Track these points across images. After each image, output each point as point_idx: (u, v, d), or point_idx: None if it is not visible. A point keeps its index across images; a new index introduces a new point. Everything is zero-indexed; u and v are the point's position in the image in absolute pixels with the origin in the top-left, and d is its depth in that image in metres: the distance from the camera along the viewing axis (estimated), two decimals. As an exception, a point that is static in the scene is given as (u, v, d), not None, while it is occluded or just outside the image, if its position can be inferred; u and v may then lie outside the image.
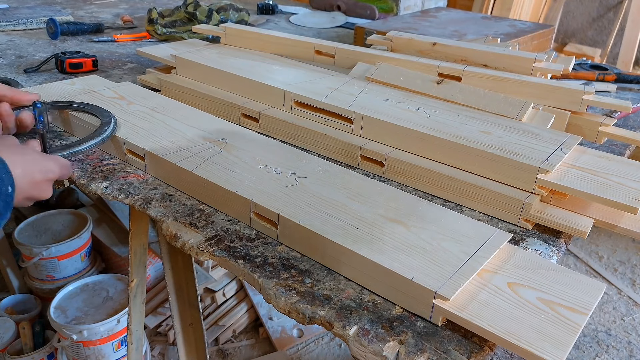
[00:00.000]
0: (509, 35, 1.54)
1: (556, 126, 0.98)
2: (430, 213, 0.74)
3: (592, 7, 3.67)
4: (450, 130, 0.88)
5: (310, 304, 0.63)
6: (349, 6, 2.08)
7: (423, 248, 0.66)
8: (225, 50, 1.25)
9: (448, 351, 0.57)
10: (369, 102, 0.97)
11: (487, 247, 0.67)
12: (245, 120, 1.05)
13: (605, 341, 1.95)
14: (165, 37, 1.62)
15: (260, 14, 2.07)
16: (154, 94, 1.09)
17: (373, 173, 0.91)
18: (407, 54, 1.17)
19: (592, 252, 2.41)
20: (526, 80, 1.01)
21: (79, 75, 1.28)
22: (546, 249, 0.75)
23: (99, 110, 0.95)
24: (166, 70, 1.24)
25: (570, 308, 0.60)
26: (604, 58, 3.54)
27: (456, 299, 0.59)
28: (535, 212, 0.78)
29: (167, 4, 2.18)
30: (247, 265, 0.69)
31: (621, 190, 0.76)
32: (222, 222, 0.78)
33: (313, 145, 0.97)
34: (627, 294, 2.17)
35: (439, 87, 1.02)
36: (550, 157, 0.80)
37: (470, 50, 1.11)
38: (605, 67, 1.42)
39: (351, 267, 0.66)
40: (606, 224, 0.79)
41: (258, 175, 0.81)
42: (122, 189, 0.84)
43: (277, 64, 1.16)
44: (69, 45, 1.57)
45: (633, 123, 1.17)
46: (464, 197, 0.83)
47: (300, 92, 1.00)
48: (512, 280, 0.63)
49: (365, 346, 0.58)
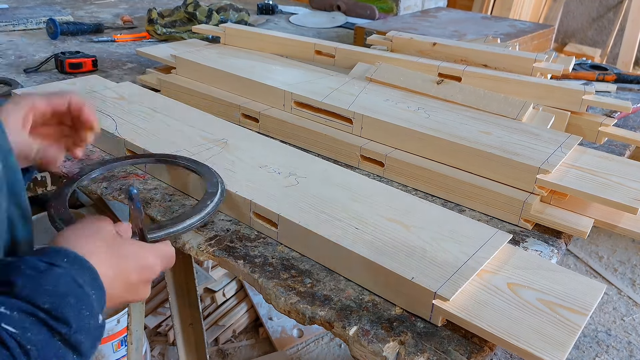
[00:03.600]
0: (509, 35, 1.54)
1: (556, 126, 0.97)
2: (430, 213, 0.73)
3: (592, 7, 3.67)
4: (450, 130, 0.88)
5: (310, 304, 0.63)
6: (349, 6, 2.08)
7: (423, 248, 0.66)
8: (225, 50, 1.25)
9: (448, 351, 0.57)
10: (369, 102, 0.97)
11: (487, 248, 0.67)
12: (245, 120, 1.05)
13: (605, 341, 1.95)
14: (165, 37, 1.62)
15: (260, 14, 2.07)
16: (154, 94, 1.09)
17: (373, 173, 0.91)
18: (407, 54, 1.17)
19: (592, 252, 2.41)
20: (526, 80, 1.01)
21: (79, 75, 1.28)
22: (546, 249, 0.75)
23: (207, 173, 0.78)
24: (166, 70, 1.24)
25: (570, 309, 0.60)
26: (604, 58, 3.53)
27: (456, 300, 0.59)
28: (535, 212, 0.78)
29: (167, 4, 2.18)
30: (247, 265, 0.69)
31: (621, 190, 0.76)
32: (222, 223, 0.77)
33: (313, 145, 0.97)
34: (627, 294, 2.17)
35: (439, 87, 1.02)
36: (550, 157, 0.80)
37: (470, 50, 1.10)
38: (605, 67, 1.42)
39: (351, 267, 0.66)
40: (606, 224, 0.79)
41: (258, 175, 0.81)
42: (122, 189, 0.84)
43: (277, 64, 1.16)
44: (68, 46, 1.57)
45: (633, 123, 1.17)
46: (464, 197, 0.83)
47: (300, 92, 1.00)
48: (512, 281, 0.63)
49: (365, 346, 0.58)
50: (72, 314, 0.47)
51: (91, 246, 0.54)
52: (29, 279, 0.47)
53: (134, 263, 0.58)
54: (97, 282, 0.51)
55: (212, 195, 0.74)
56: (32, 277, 0.47)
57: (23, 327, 0.44)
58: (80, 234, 0.56)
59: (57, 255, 0.50)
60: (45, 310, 0.46)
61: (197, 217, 0.70)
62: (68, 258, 0.50)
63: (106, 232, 0.57)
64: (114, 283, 0.55)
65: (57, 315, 0.46)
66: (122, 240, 0.59)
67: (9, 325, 0.43)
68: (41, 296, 0.46)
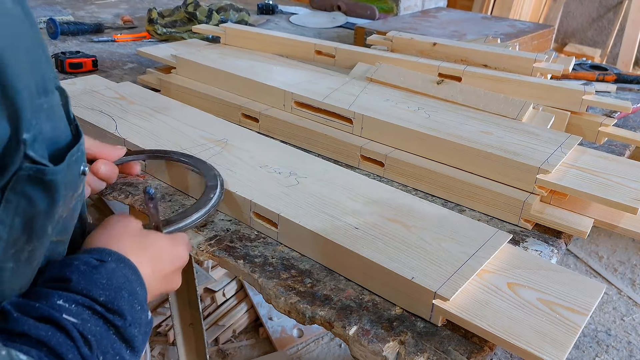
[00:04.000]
0: (509, 36, 1.54)
1: (556, 126, 0.97)
2: (430, 213, 0.74)
3: (592, 7, 3.67)
4: (450, 130, 0.88)
5: (310, 304, 0.63)
6: (349, 6, 2.08)
7: (423, 248, 0.66)
8: (225, 50, 1.25)
9: (448, 351, 0.57)
10: (369, 102, 0.97)
11: (487, 248, 0.67)
12: (245, 120, 1.05)
13: (605, 341, 1.95)
14: (166, 37, 1.62)
15: (260, 14, 2.07)
16: (154, 94, 1.09)
17: (373, 173, 0.91)
18: (407, 54, 1.17)
19: (592, 252, 2.41)
20: (526, 81, 1.01)
21: (79, 75, 1.28)
22: (546, 249, 0.75)
23: (204, 167, 0.80)
24: (166, 70, 1.24)
25: (570, 308, 0.60)
26: (604, 58, 3.53)
27: (456, 299, 0.59)
28: (535, 212, 0.78)
29: (167, 4, 2.18)
30: (247, 265, 0.69)
31: (621, 190, 0.76)
32: (222, 222, 0.78)
33: (313, 145, 0.97)
34: (627, 294, 2.17)
35: (439, 87, 1.02)
36: (550, 157, 0.80)
37: (470, 51, 1.10)
38: (605, 67, 1.42)
39: (351, 267, 0.66)
40: (606, 224, 0.79)
41: (258, 175, 0.81)
42: (122, 189, 0.84)
43: (277, 64, 1.16)
44: (69, 45, 1.57)
45: (633, 123, 1.17)
46: (464, 197, 0.83)
47: (301, 92, 1.00)
48: (511, 281, 0.63)
49: (365, 346, 0.58)
50: (126, 307, 0.48)
51: (125, 244, 0.55)
52: (84, 274, 0.48)
53: (166, 255, 0.59)
54: (140, 279, 0.52)
55: (214, 188, 0.75)
56: (86, 272, 0.48)
57: (83, 319, 0.45)
58: (110, 234, 0.56)
59: (103, 253, 0.52)
60: (101, 303, 0.47)
61: (204, 210, 0.72)
62: (112, 256, 0.52)
63: (133, 229, 0.58)
64: (152, 277, 0.56)
65: (112, 308, 0.47)
66: (150, 234, 0.60)
67: (69, 316, 0.44)
68: (97, 289, 0.47)
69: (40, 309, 0.44)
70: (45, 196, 0.43)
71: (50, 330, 0.42)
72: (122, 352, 0.47)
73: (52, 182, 0.43)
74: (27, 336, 0.41)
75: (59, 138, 0.46)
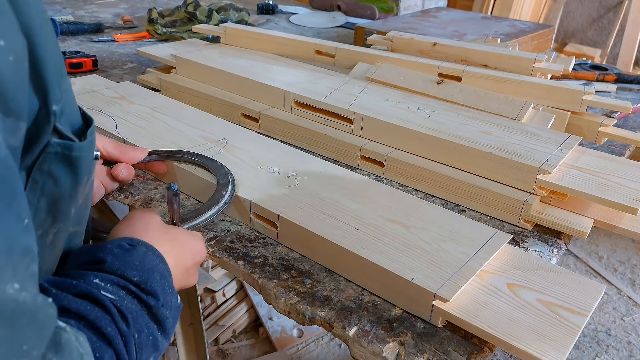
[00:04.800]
0: (509, 35, 1.54)
1: (556, 126, 0.97)
2: (430, 214, 0.73)
3: (592, 7, 3.66)
4: (450, 130, 0.88)
5: (310, 304, 0.63)
6: (349, 6, 2.07)
7: (423, 249, 0.66)
8: (225, 50, 1.25)
9: (448, 352, 0.57)
10: (369, 102, 0.97)
11: (486, 248, 0.67)
12: (245, 120, 1.05)
13: (605, 341, 1.95)
14: (166, 37, 1.61)
15: (260, 13, 2.07)
16: (154, 94, 1.09)
17: (373, 173, 0.91)
18: (407, 54, 1.17)
19: (592, 252, 2.41)
20: (526, 81, 1.01)
21: (79, 75, 1.28)
22: (546, 250, 0.75)
23: (214, 166, 0.80)
24: (166, 70, 1.24)
25: (570, 309, 0.60)
26: (604, 58, 3.53)
27: (456, 300, 0.59)
28: (535, 213, 0.78)
29: (167, 3, 2.18)
30: (247, 265, 0.69)
31: (621, 190, 0.76)
32: (222, 223, 0.78)
33: (313, 145, 0.97)
34: (627, 294, 2.17)
35: (439, 87, 1.02)
36: (550, 157, 0.80)
37: (470, 51, 1.10)
38: (605, 67, 1.42)
39: (351, 268, 0.66)
40: (606, 224, 0.79)
41: (258, 175, 0.81)
42: (122, 189, 0.84)
43: (277, 64, 1.16)
44: (68, 45, 1.57)
45: (633, 123, 1.17)
46: (464, 197, 0.83)
47: (301, 92, 1.00)
48: (511, 282, 0.63)
49: (365, 347, 0.58)
50: (159, 288, 0.49)
51: (151, 235, 0.56)
52: (117, 257, 0.49)
53: (188, 249, 0.60)
54: (167, 266, 0.53)
55: (225, 186, 0.76)
56: (119, 254, 0.49)
57: (120, 296, 0.46)
58: (136, 225, 0.57)
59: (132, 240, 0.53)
60: (135, 283, 0.48)
61: (217, 208, 0.73)
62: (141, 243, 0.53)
63: (155, 223, 0.59)
64: (176, 267, 0.56)
65: (146, 288, 0.48)
66: (172, 228, 0.62)
67: (107, 293, 0.45)
68: (130, 270, 0.48)
69: (78, 285, 0.44)
70: (70, 175, 0.44)
71: (89, 305, 0.43)
72: (154, 332, 0.48)
73: (77, 159, 0.44)
74: (67, 310, 0.42)
75: (75, 120, 0.47)
